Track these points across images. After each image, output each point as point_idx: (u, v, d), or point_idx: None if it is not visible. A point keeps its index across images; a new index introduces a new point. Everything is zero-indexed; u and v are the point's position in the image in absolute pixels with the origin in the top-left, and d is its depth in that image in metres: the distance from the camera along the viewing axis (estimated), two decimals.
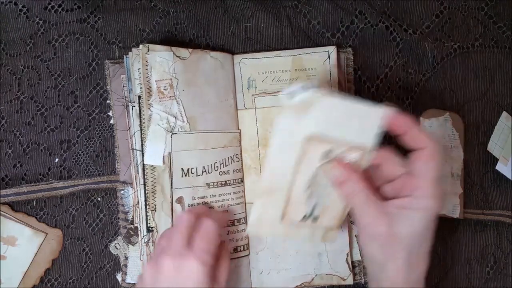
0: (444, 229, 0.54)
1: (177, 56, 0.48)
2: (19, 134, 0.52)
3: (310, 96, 0.37)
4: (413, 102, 0.55)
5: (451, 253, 0.54)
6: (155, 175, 0.47)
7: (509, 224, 0.55)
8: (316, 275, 0.51)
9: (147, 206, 0.47)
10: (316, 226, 0.45)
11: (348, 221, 0.52)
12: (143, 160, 0.47)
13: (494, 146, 0.54)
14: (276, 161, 0.40)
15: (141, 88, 0.47)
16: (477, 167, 0.55)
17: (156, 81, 0.47)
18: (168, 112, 0.47)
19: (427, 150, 0.38)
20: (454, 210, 0.53)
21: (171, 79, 0.48)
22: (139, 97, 0.48)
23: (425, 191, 0.38)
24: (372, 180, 0.42)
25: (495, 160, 0.54)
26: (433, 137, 0.39)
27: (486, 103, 0.55)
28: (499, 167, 0.53)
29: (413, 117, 0.38)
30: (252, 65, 0.52)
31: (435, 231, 0.39)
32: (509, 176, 0.54)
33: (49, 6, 0.52)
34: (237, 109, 0.52)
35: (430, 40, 0.54)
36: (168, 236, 0.44)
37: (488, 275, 0.55)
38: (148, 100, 0.47)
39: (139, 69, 0.47)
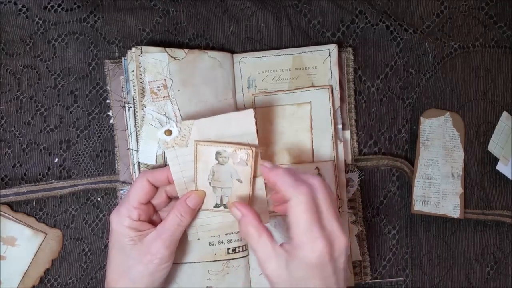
0: (445, 229, 0.54)
1: (172, 56, 0.48)
2: (19, 134, 0.52)
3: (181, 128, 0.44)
4: (413, 102, 0.54)
5: (451, 253, 0.54)
6: None
7: (510, 224, 0.54)
8: None
9: None
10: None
11: (349, 222, 0.52)
12: (138, 160, 0.48)
13: (494, 146, 0.54)
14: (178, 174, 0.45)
15: (134, 89, 0.47)
16: (477, 167, 0.54)
17: (149, 82, 0.47)
18: (161, 112, 0.47)
19: (292, 202, 0.39)
20: (455, 210, 0.53)
21: (165, 79, 0.48)
22: (134, 98, 0.48)
23: (299, 240, 0.38)
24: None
25: (495, 160, 0.54)
26: (299, 183, 0.39)
27: (486, 103, 0.55)
28: (500, 167, 0.53)
29: (282, 169, 0.40)
30: (252, 64, 0.52)
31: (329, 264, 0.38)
32: (509, 176, 0.54)
33: (49, 6, 0.52)
34: (236, 109, 0.52)
35: (431, 40, 0.54)
36: None
37: (488, 275, 0.55)
38: (141, 101, 0.47)
39: (132, 71, 0.48)
